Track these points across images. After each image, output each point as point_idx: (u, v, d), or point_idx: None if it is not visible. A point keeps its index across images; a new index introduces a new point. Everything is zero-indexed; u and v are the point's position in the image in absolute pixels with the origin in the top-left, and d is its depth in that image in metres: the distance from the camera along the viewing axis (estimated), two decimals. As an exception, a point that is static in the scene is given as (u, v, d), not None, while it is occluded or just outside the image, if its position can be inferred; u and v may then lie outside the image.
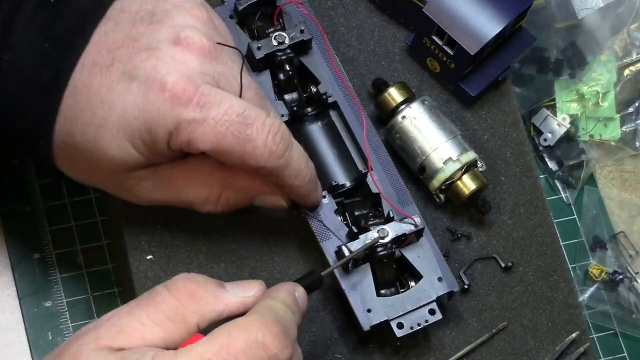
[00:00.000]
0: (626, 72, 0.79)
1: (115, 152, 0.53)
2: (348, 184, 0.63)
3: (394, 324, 0.60)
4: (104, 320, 0.49)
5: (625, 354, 0.74)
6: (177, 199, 0.58)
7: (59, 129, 0.54)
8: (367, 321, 0.60)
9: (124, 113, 0.52)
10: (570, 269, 0.73)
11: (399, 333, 0.60)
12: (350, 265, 0.61)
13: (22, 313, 0.67)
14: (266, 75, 0.64)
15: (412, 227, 0.61)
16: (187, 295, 0.49)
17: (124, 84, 0.52)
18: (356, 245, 0.60)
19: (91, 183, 0.59)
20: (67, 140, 0.54)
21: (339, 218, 0.62)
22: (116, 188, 0.58)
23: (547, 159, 0.78)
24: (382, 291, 0.61)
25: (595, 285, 0.75)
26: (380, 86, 0.68)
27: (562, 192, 0.78)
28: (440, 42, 0.66)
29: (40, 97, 0.53)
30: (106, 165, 0.54)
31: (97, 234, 0.70)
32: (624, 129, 0.79)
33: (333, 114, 0.65)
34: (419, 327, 0.61)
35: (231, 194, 0.58)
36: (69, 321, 0.67)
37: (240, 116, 0.52)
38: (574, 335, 0.67)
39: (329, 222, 0.62)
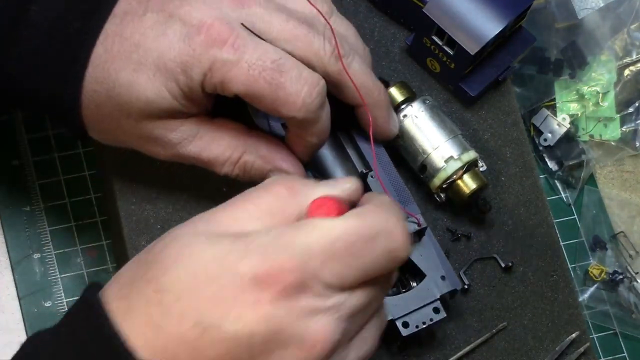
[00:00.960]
0: (626, 72, 0.79)
1: (150, 95, 0.53)
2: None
3: (399, 323, 0.60)
4: (196, 219, 0.47)
5: (625, 354, 0.74)
6: (198, 156, 0.58)
7: (90, 77, 0.53)
8: None
9: (160, 56, 0.52)
10: (570, 269, 0.73)
11: (404, 332, 0.60)
12: None
13: (22, 313, 0.67)
14: None
15: (416, 226, 0.61)
16: (285, 190, 0.47)
17: (158, 29, 0.53)
18: None
19: (115, 136, 0.58)
20: (97, 88, 0.54)
21: None
22: (141, 140, 0.57)
23: (547, 159, 0.78)
24: None
25: (595, 285, 0.75)
26: (381, 86, 0.68)
27: (562, 192, 0.78)
28: (440, 42, 0.66)
29: (70, 45, 0.53)
30: (138, 111, 0.54)
31: (97, 234, 0.70)
32: (624, 129, 0.79)
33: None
34: (424, 326, 0.61)
35: (250, 158, 0.58)
36: (69, 321, 0.67)
37: (274, 63, 0.52)
38: (574, 335, 0.67)
39: None
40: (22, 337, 0.66)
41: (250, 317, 0.42)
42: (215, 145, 0.58)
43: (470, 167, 0.65)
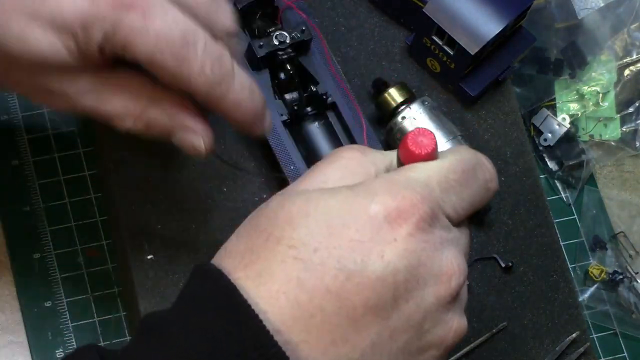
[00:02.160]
0: (626, 72, 0.79)
1: (44, 47, 0.49)
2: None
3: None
4: (289, 187, 0.47)
5: (625, 354, 0.74)
6: (97, 109, 0.54)
7: None
8: None
9: (58, 8, 0.48)
10: (570, 269, 0.73)
11: None
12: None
13: (22, 313, 0.67)
14: (265, 74, 0.64)
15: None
16: (357, 151, 0.47)
17: None
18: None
19: (9, 85, 0.55)
20: None
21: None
22: (35, 92, 0.54)
23: (547, 159, 0.78)
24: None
25: (595, 285, 0.75)
26: (381, 86, 0.68)
27: (562, 192, 0.78)
28: (440, 42, 0.66)
29: None
30: (29, 64, 0.51)
31: (97, 234, 0.69)
32: (624, 129, 0.79)
33: (331, 115, 0.65)
34: None
35: (154, 113, 0.54)
36: (69, 321, 0.67)
37: (182, 32, 0.49)
38: (574, 335, 0.67)
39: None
40: (22, 337, 0.66)
41: (391, 254, 0.42)
42: (117, 99, 0.54)
43: (470, 167, 0.65)
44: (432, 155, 0.46)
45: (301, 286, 0.42)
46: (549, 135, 0.78)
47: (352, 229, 0.42)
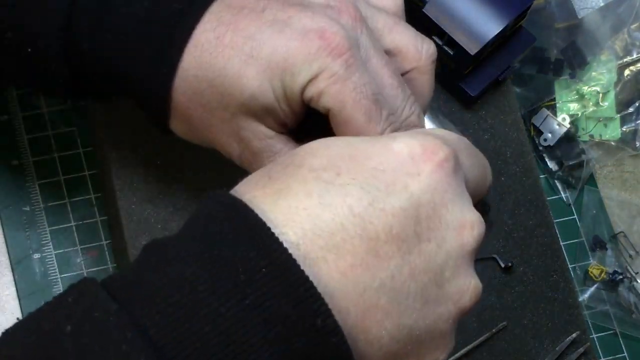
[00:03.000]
0: (626, 72, 0.79)
1: (255, 89, 0.51)
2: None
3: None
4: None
5: (625, 354, 0.74)
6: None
7: (194, 61, 0.51)
8: None
9: (273, 52, 0.50)
10: (570, 269, 0.73)
11: None
12: None
13: (22, 313, 0.67)
14: None
15: None
16: None
17: (276, 27, 0.50)
18: None
19: (199, 129, 0.55)
20: (199, 73, 0.51)
21: None
22: (225, 136, 0.54)
23: (547, 159, 0.78)
24: None
25: (595, 285, 0.75)
26: (381, 86, 0.68)
27: (562, 192, 0.78)
28: (440, 42, 0.66)
29: (171, 21, 0.51)
30: (237, 104, 0.51)
31: (97, 234, 0.70)
32: (624, 129, 0.79)
33: None
34: None
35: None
36: (69, 321, 0.67)
37: (374, 95, 0.50)
38: (574, 335, 0.67)
39: None
40: (22, 337, 0.66)
41: (415, 187, 0.42)
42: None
43: (470, 167, 0.65)
44: None
45: (323, 203, 0.41)
46: (549, 135, 0.78)
47: (375, 160, 0.42)
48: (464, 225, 0.44)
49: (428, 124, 0.65)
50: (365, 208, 0.41)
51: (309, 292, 0.39)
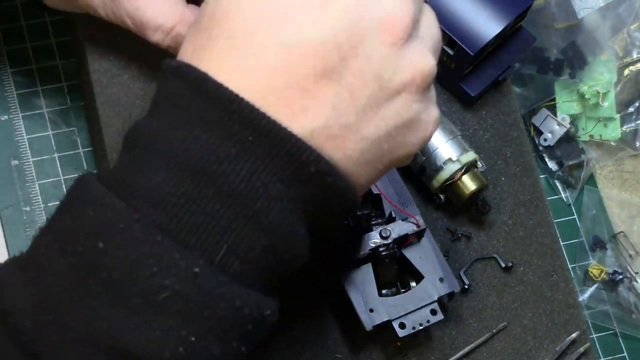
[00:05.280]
0: (626, 72, 0.79)
1: None
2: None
3: (396, 324, 0.60)
4: None
5: (625, 354, 0.74)
6: (132, 16, 0.57)
7: None
8: (369, 321, 0.60)
9: None
10: (570, 269, 0.73)
11: (401, 333, 0.60)
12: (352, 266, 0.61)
13: (22, 313, 0.67)
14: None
15: (415, 227, 0.61)
16: None
17: None
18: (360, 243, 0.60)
19: None
20: None
21: None
22: None
23: (547, 159, 0.78)
24: (383, 291, 0.62)
25: (595, 285, 0.75)
26: (381, 86, 0.68)
27: (562, 192, 0.78)
28: (440, 42, 0.66)
29: None
30: None
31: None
32: (624, 129, 0.79)
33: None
34: (420, 327, 0.61)
35: (184, 31, 0.57)
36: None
37: None
38: (574, 335, 0.67)
39: None
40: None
41: (325, 17, 0.42)
42: (150, 9, 0.57)
43: (469, 168, 0.65)
44: None
45: (244, 72, 0.42)
46: (549, 135, 0.78)
47: (281, 5, 0.43)
48: (385, 25, 0.43)
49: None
50: (285, 60, 0.42)
51: (297, 145, 0.41)
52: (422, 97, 0.46)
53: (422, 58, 0.45)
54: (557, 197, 0.78)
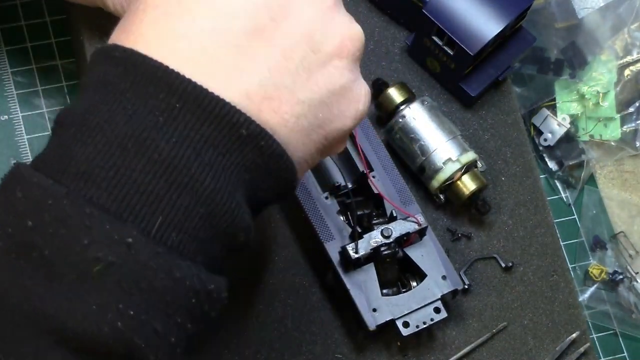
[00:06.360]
0: (626, 72, 0.79)
1: None
2: (350, 185, 0.63)
3: (399, 323, 0.60)
4: None
5: (625, 354, 0.74)
6: None
7: None
8: (372, 321, 0.60)
9: None
10: (570, 269, 0.73)
11: (405, 332, 0.60)
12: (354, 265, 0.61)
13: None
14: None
15: (416, 226, 0.61)
16: None
17: None
18: (361, 244, 0.60)
19: None
20: None
21: (342, 218, 0.62)
22: None
23: (547, 159, 0.78)
24: (385, 290, 0.62)
25: (595, 285, 0.75)
26: (380, 86, 0.68)
27: (562, 192, 0.78)
28: (440, 42, 0.66)
29: None
30: None
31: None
32: (624, 129, 0.79)
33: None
34: (424, 326, 0.61)
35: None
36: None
37: None
38: (574, 335, 0.67)
39: (332, 222, 0.62)
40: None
41: None
42: None
43: (469, 168, 0.65)
44: None
45: (174, 38, 0.42)
46: (549, 135, 0.78)
47: None
48: None
49: (428, 123, 0.66)
50: (214, 20, 0.42)
51: (226, 109, 0.40)
52: (353, 67, 0.46)
53: (350, 23, 0.46)
54: (557, 197, 0.78)
